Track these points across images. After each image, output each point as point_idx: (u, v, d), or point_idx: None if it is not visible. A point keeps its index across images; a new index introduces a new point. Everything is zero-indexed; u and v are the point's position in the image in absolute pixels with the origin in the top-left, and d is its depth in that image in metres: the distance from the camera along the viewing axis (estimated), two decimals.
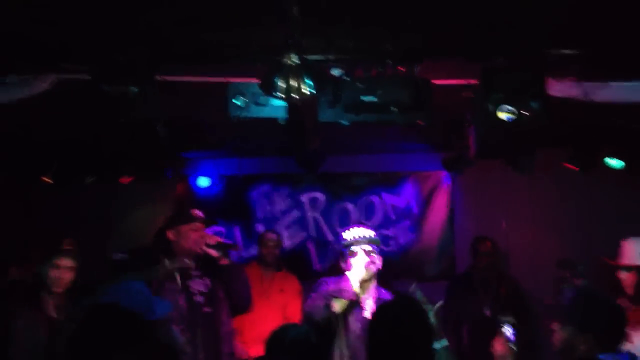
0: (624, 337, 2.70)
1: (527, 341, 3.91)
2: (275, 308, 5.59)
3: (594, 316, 2.74)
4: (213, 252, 4.05)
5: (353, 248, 4.04)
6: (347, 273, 4.04)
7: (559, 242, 6.53)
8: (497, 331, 3.01)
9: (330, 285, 4.04)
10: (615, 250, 4.36)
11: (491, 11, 3.27)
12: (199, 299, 4.03)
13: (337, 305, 3.90)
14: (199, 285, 4.07)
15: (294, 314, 5.54)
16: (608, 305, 2.83)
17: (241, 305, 4.28)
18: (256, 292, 5.60)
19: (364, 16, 3.38)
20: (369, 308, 3.96)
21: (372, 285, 4.06)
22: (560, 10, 3.25)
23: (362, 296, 3.96)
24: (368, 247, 4.04)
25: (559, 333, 2.77)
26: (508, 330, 2.98)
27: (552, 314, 3.02)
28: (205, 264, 4.09)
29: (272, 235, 5.94)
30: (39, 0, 3.10)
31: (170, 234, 4.10)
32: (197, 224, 4.12)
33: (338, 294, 3.94)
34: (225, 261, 4.09)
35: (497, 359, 2.92)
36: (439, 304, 3.12)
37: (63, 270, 4.18)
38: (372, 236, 4.09)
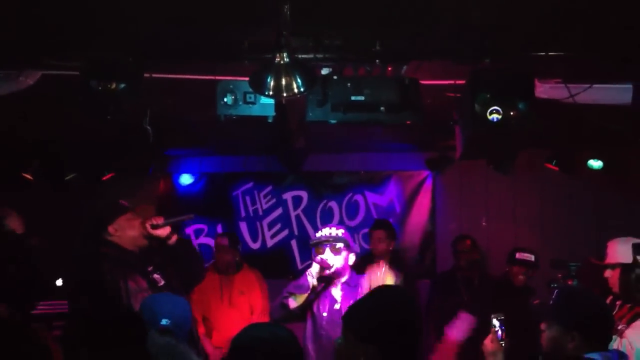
0: (611, 334, 2.74)
1: None
2: (240, 310, 5.63)
3: (579, 313, 2.77)
4: (161, 232, 3.92)
5: (320, 245, 4.08)
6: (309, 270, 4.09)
7: (539, 241, 6.60)
8: (487, 328, 3.04)
9: (289, 286, 4.09)
10: (594, 249, 4.43)
11: (478, 14, 3.30)
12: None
13: (294, 302, 3.99)
14: (160, 279, 3.90)
15: (261, 311, 5.61)
16: (594, 302, 2.86)
17: (194, 278, 4.20)
18: (217, 298, 5.69)
19: (352, 17, 3.40)
20: (337, 296, 4.07)
21: (341, 278, 4.11)
22: (546, 13, 3.29)
23: (320, 287, 4.07)
24: (337, 244, 4.07)
25: (546, 333, 2.80)
26: (498, 327, 3.01)
27: (539, 314, 3.05)
28: (150, 255, 3.95)
29: (221, 240, 5.87)
30: None
31: (112, 229, 3.89)
32: (130, 213, 3.97)
33: (295, 291, 4.01)
34: (174, 238, 3.98)
35: (487, 356, 2.94)
36: None
37: None
38: (340, 234, 4.12)
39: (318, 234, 4.18)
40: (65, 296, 4.85)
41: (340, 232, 4.14)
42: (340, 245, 4.07)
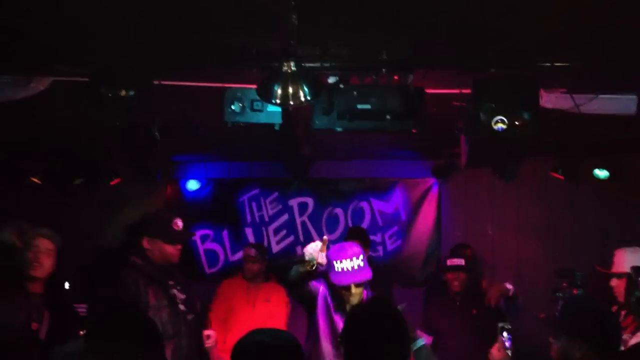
0: (619, 342, 2.72)
1: None
2: (261, 317, 5.57)
3: (583, 321, 2.75)
4: None
5: (347, 284, 3.71)
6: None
7: (544, 249, 6.61)
8: (493, 336, 3.05)
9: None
10: (599, 258, 4.44)
11: (484, 24, 3.33)
12: (182, 307, 3.92)
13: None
14: (179, 293, 3.95)
15: (280, 324, 5.54)
16: (598, 309, 2.85)
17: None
18: (242, 301, 5.68)
19: (359, 25, 3.44)
20: None
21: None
22: (551, 23, 3.32)
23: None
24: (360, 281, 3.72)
25: (554, 343, 2.79)
26: (505, 336, 3.02)
27: (547, 326, 3.04)
28: (171, 270, 3.99)
29: (249, 250, 5.85)
30: (38, 2, 3.12)
31: (146, 243, 3.89)
32: (178, 246, 3.94)
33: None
34: None
35: None
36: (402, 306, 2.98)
37: (42, 254, 3.81)
38: (362, 265, 3.72)
39: (339, 266, 3.70)
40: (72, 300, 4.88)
41: (361, 262, 3.72)
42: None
